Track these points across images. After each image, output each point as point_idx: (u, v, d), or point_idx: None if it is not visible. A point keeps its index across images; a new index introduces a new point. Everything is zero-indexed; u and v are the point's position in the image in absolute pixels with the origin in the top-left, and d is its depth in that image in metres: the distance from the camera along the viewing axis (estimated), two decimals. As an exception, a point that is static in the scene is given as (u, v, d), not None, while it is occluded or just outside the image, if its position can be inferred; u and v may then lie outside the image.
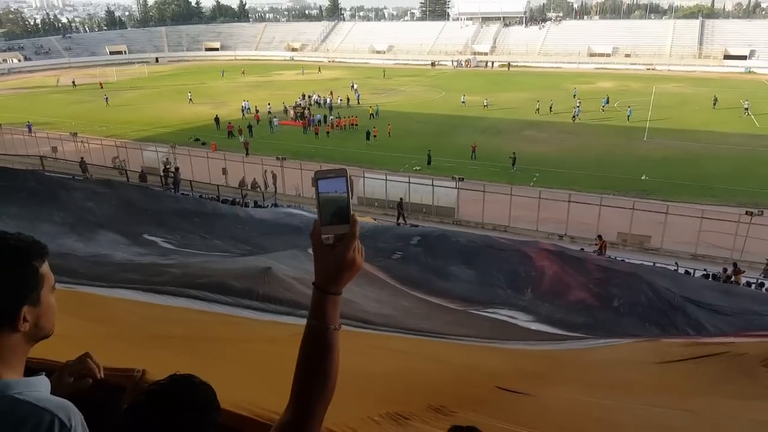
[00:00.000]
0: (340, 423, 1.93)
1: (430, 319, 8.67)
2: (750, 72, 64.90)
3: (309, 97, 51.17)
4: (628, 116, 42.86)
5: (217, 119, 43.29)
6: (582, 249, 19.50)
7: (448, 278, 11.61)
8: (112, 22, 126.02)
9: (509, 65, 75.77)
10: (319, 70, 74.54)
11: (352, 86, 57.42)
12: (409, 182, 25.53)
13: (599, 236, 20.53)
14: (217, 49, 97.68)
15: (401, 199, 24.37)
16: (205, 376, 1.57)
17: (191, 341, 4.17)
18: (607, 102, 46.90)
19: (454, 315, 9.58)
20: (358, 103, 51.35)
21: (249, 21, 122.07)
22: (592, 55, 75.28)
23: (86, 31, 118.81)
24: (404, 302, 9.66)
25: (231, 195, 25.51)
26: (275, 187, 28.06)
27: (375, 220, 20.70)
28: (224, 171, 29.12)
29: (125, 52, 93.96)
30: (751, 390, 4.32)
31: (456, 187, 24.98)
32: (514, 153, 31.46)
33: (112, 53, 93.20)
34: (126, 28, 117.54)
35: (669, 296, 10.62)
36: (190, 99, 53.22)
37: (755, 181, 28.60)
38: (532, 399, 3.47)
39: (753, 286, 16.83)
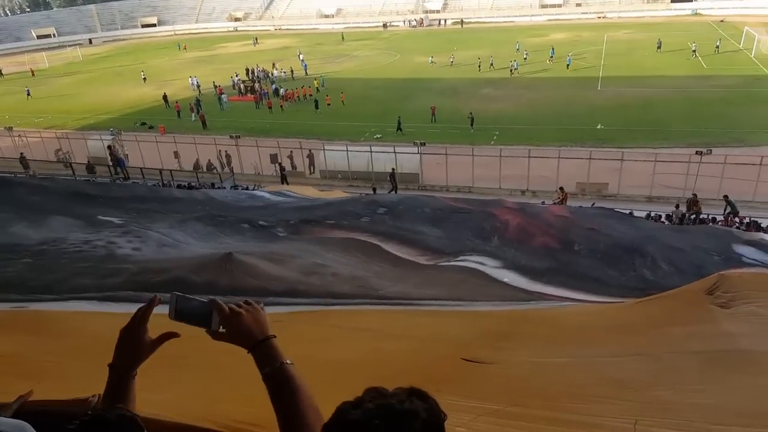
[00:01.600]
0: None
1: (400, 281, 8.82)
2: (696, 14, 65.95)
3: (252, 71, 48.85)
4: (568, 65, 43.92)
5: (165, 98, 41.88)
6: (543, 202, 19.95)
7: (418, 234, 11.86)
8: (35, 3, 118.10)
9: (462, 22, 75.17)
10: (256, 41, 70.67)
11: (299, 56, 55.97)
12: (371, 151, 25.41)
13: (561, 188, 20.99)
14: (154, 25, 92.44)
15: (393, 170, 24.05)
16: (167, 392, 1.58)
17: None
18: (554, 53, 47.17)
19: (425, 272, 9.78)
20: (306, 73, 49.26)
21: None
22: (543, 6, 75.14)
23: (7, 15, 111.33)
24: (375, 266, 9.74)
25: (186, 179, 24.90)
26: (232, 168, 27.54)
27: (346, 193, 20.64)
28: (176, 155, 28.28)
29: (54, 35, 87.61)
30: (695, 316, 4.55)
31: (418, 153, 25.01)
32: (471, 113, 31.57)
33: (39, 37, 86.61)
34: (52, 8, 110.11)
35: (626, 241, 11.07)
36: (144, 78, 51.14)
37: (704, 121, 29.49)
38: (497, 368, 3.60)
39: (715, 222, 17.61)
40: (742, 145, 25.84)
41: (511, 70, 43.77)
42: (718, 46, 45.37)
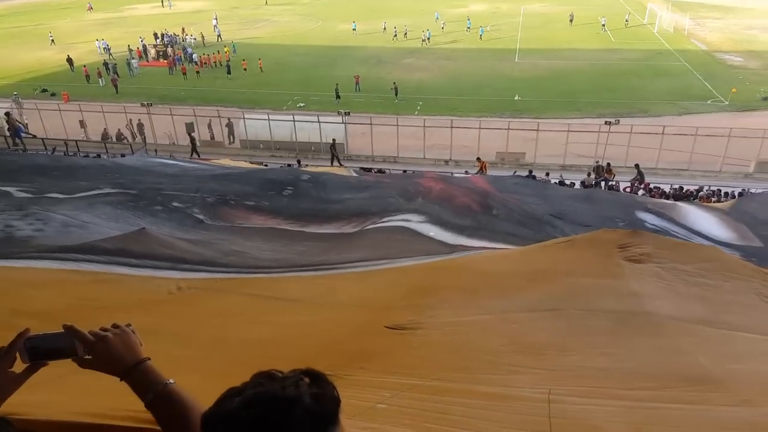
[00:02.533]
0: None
1: (325, 252, 8.81)
2: (604, -11, 68.99)
3: (162, 36, 45.58)
4: (480, 36, 45.11)
5: (70, 60, 38.59)
6: (466, 172, 20.50)
7: (342, 203, 11.84)
8: None
9: (382, -10, 74.30)
10: (166, 3, 65.77)
11: (214, 20, 53.12)
12: (294, 120, 24.84)
13: (478, 158, 21.62)
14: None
15: (334, 140, 23.49)
16: (62, 392, 1.46)
17: (58, 313, 3.84)
18: (470, 24, 47.84)
19: (350, 237, 9.84)
20: (219, 39, 46.44)
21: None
22: (461, -24, 75.69)
23: None
24: (299, 247, 9.65)
25: (94, 150, 23.24)
26: (144, 138, 26.03)
27: (265, 165, 20.11)
28: (82, 124, 26.22)
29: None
30: (606, 270, 4.83)
31: (343, 122, 24.75)
32: (395, 83, 31.57)
33: None
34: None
35: (538, 214, 11.72)
36: (52, 40, 46.63)
37: (612, 92, 31.23)
38: (419, 335, 3.66)
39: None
40: (646, 115, 27.67)
41: (422, 40, 44.03)
42: (627, 20, 47.85)
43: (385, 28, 47.29)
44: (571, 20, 48.91)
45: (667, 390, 2.61)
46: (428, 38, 44.25)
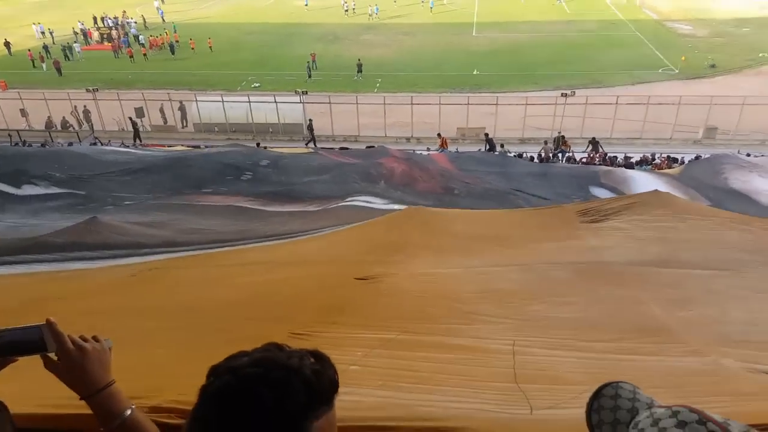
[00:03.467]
0: (196, 374, 1.76)
1: (289, 224, 8.70)
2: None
3: (102, 19, 43.12)
4: (431, 8, 45.04)
5: (7, 45, 36.58)
6: (428, 149, 20.44)
7: (306, 185, 11.63)
8: None
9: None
10: None
11: (155, 2, 51.07)
12: (249, 101, 24.15)
13: (438, 134, 21.58)
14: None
15: (310, 120, 22.89)
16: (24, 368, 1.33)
17: (12, 312, 3.66)
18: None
19: (313, 214, 9.73)
20: (164, 21, 44.07)
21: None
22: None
23: None
24: (259, 223, 9.42)
25: (38, 140, 22.15)
26: (91, 125, 24.93)
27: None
28: (23, 113, 24.88)
29: None
30: (566, 233, 5.05)
31: (301, 102, 24.21)
32: (359, 59, 31.08)
33: None
34: None
35: (497, 192, 11.90)
36: None
37: (568, 64, 31.53)
38: (389, 284, 3.66)
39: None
40: (600, 86, 28.06)
41: (369, 15, 43.47)
42: None
43: (349, 9, 45.88)
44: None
45: (624, 342, 2.79)
46: (376, 13, 43.65)
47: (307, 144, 22.38)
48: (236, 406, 0.96)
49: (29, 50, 35.05)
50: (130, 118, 23.70)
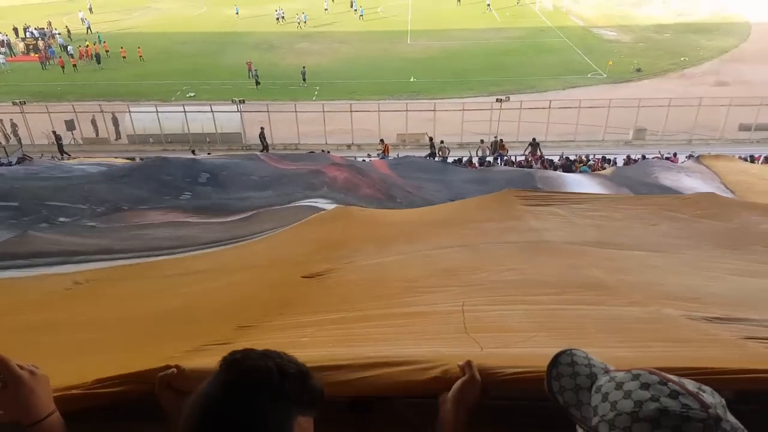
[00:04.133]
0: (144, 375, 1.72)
1: (231, 231, 8.51)
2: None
3: (25, 29, 40.94)
4: (361, 15, 46.05)
5: None
6: (369, 155, 20.56)
7: (246, 200, 11.40)
8: None
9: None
10: None
11: (89, 9, 49.11)
12: (185, 111, 23.56)
13: (381, 140, 21.77)
14: None
15: (262, 129, 22.39)
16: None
17: None
18: (356, 7, 47.89)
19: (256, 216, 9.56)
20: (90, 32, 42.37)
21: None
22: (350, -42, 75.30)
23: None
24: (199, 230, 9.17)
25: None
26: (19, 139, 23.63)
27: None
28: (-57, 127, 23.50)
29: None
30: (507, 215, 5.23)
31: (238, 111, 23.84)
32: (304, 67, 31.00)
33: None
34: None
35: (438, 200, 12.11)
36: None
37: (502, 70, 32.56)
38: (336, 277, 3.69)
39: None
40: (533, 91, 29.15)
41: (297, 23, 43.66)
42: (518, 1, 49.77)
43: (280, 17, 45.49)
44: (458, 0, 50.22)
45: (566, 295, 2.87)
46: (304, 21, 43.86)
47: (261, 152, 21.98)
48: (250, 374, 1.04)
49: None
50: (54, 132, 22.58)
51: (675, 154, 19.75)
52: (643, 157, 19.38)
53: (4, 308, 3.88)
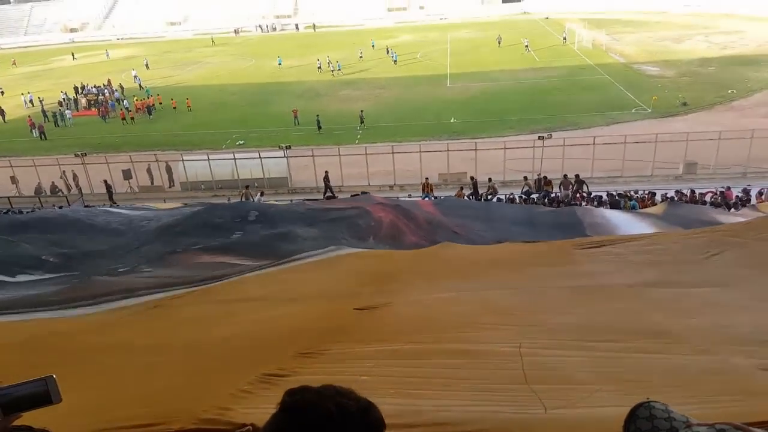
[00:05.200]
0: (211, 406, 1.85)
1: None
2: (525, 13, 72.65)
3: (82, 88, 43.46)
4: (395, 61, 47.34)
5: (1, 112, 37.73)
6: (410, 195, 20.77)
7: (295, 240, 11.61)
8: None
9: (314, 26, 75.39)
10: (73, 56, 64.03)
11: (145, 66, 52.60)
12: (235, 158, 24.56)
13: (426, 178, 22.02)
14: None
15: (326, 172, 23.01)
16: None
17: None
18: (396, 56, 49.00)
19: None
20: (141, 87, 44.51)
21: (10, 2, 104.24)
22: (390, 10, 77.93)
23: None
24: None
25: (28, 205, 22.22)
26: (80, 189, 25.06)
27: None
28: (13, 179, 25.12)
29: None
30: (562, 259, 5.08)
31: (285, 156, 24.66)
32: (362, 111, 32.13)
33: None
34: None
35: (484, 244, 11.93)
36: (2, 92, 45.04)
37: (542, 109, 32.57)
38: (389, 310, 3.71)
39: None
40: (576, 128, 28.96)
41: (331, 71, 45.32)
42: (565, 38, 50.61)
43: (320, 66, 47.37)
44: (499, 42, 51.01)
45: (628, 342, 2.74)
46: (338, 69, 45.61)
47: (324, 195, 22.43)
48: (309, 418, 1.06)
49: (29, 117, 35.92)
50: (104, 181, 23.87)
51: (729, 188, 19.10)
52: (692, 192, 18.79)
53: (77, 330, 4.14)
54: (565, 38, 50.50)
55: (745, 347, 2.61)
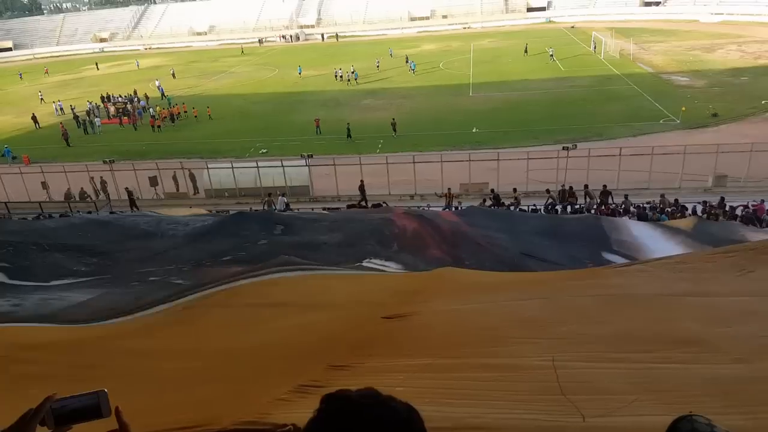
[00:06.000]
0: (250, 412, 1.83)
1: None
2: (550, 21, 72.20)
3: (109, 97, 44.22)
4: (413, 69, 47.74)
5: (34, 119, 38.68)
6: (428, 206, 20.65)
7: (319, 248, 11.60)
8: None
9: (337, 36, 76.07)
10: (97, 68, 65.29)
11: (172, 75, 53.81)
12: (258, 166, 24.76)
13: (449, 189, 21.88)
14: (10, 49, 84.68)
15: (362, 181, 22.99)
16: None
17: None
18: (414, 65, 49.13)
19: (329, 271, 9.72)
20: (163, 97, 44.95)
21: (44, 13, 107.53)
22: (412, 19, 78.24)
23: None
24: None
25: (57, 211, 22.70)
26: (107, 195, 25.53)
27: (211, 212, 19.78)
28: (44, 185, 25.69)
29: None
30: (588, 274, 5.00)
31: (306, 165, 24.79)
32: (393, 118, 32.09)
33: None
34: None
35: (508, 258, 11.74)
36: (42, 99, 46.71)
37: (567, 119, 32.17)
38: (416, 320, 3.68)
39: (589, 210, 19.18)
40: (601, 138, 28.51)
41: (347, 80, 45.92)
42: (595, 47, 49.97)
43: (339, 75, 47.84)
44: (525, 51, 50.78)
45: (662, 352, 2.69)
46: (355, 78, 46.19)
47: (359, 204, 22.43)
48: (348, 424, 1.05)
49: (62, 123, 37.03)
50: (126, 188, 24.26)
51: (762, 201, 18.53)
52: (722, 199, 18.24)
53: (107, 335, 4.18)
54: (595, 47, 49.88)
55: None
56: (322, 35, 77.65)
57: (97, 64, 66.43)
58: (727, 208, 18.16)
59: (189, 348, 3.86)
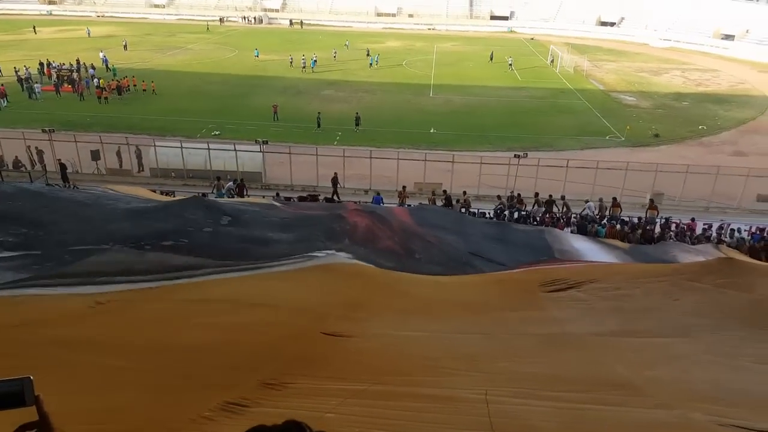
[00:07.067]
0: (170, 429, 1.76)
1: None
2: (511, 31, 73.67)
3: (48, 64, 41.64)
4: (372, 64, 48.67)
5: None
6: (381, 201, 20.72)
7: (268, 244, 11.42)
8: None
9: (302, 23, 75.02)
10: (34, 30, 60.76)
11: (124, 46, 51.58)
12: (209, 148, 24.12)
13: (404, 187, 22.02)
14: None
15: (335, 174, 22.44)
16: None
17: None
18: (377, 58, 49.65)
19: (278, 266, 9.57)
20: (108, 69, 42.81)
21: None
22: (379, 14, 78.11)
23: None
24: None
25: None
26: (44, 166, 24.24)
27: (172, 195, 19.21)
28: (-24, 151, 24.21)
29: None
30: (528, 303, 5.11)
31: (261, 151, 24.35)
32: (358, 112, 31.99)
33: None
34: None
35: (457, 256, 12.00)
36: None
37: (520, 127, 33.04)
38: (356, 342, 3.68)
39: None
40: (551, 149, 29.43)
41: (302, 68, 45.99)
42: (552, 60, 51.33)
43: (293, 61, 47.47)
44: (491, 58, 51.67)
45: (591, 393, 2.80)
46: (312, 66, 46.29)
47: (332, 197, 22.03)
48: None
49: (2, 85, 34.74)
50: (59, 160, 23.10)
51: (693, 219, 19.66)
52: (651, 201, 19.19)
53: (32, 319, 3.94)
54: (552, 60, 51.30)
55: (703, 404, 2.70)
56: (290, 21, 76.32)
57: (35, 27, 61.85)
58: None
59: (115, 343, 3.67)
